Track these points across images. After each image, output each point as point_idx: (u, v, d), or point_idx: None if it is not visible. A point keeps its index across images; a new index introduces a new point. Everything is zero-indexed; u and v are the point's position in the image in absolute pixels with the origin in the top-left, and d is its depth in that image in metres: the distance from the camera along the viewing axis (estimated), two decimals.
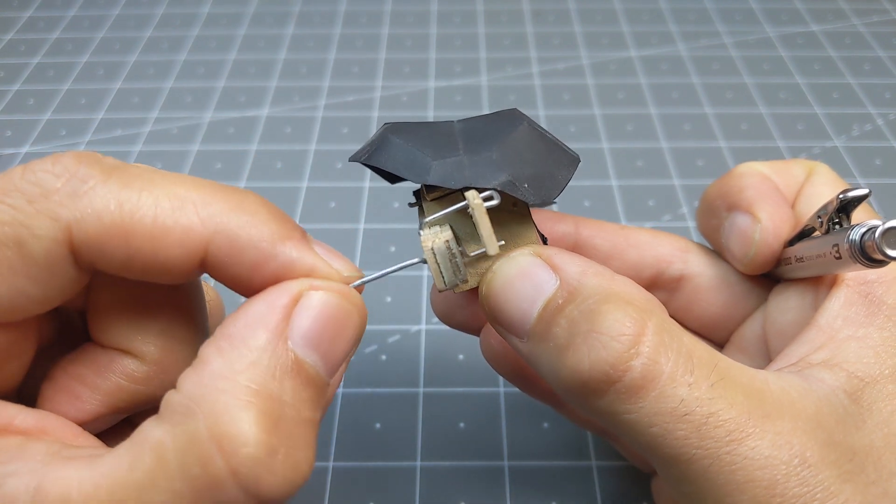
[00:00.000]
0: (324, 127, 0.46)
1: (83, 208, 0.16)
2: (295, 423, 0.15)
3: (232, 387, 0.15)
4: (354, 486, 0.29)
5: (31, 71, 0.51)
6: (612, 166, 0.43)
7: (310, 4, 0.58)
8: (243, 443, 0.14)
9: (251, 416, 0.15)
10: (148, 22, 0.56)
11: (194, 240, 0.16)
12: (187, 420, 0.15)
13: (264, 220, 0.17)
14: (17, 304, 0.16)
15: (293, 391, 0.16)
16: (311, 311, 0.17)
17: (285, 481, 0.15)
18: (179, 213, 0.16)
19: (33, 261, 0.16)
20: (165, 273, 0.17)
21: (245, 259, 0.17)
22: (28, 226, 0.16)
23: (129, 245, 0.16)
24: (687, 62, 0.51)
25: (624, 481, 0.29)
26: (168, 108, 0.48)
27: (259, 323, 0.16)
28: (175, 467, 0.15)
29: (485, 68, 0.51)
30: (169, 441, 0.15)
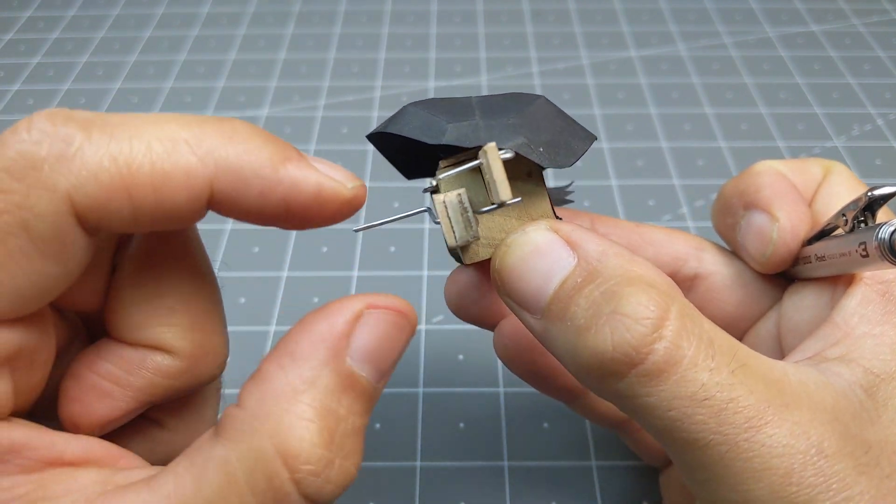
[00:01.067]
0: (324, 127, 0.46)
1: (77, 172, 0.15)
2: (348, 433, 0.16)
3: (295, 406, 0.16)
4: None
5: (31, 71, 0.51)
6: (612, 166, 0.43)
7: (310, 4, 0.58)
8: (306, 460, 0.15)
9: (313, 435, 0.16)
10: (148, 22, 0.56)
11: (197, 181, 0.16)
12: (253, 437, 0.16)
13: (260, 146, 0.17)
14: (42, 288, 0.16)
15: (348, 405, 0.17)
16: (370, 330, 0.17)
17: (337, 487, 0.16)
18: (176, 156, 0.16)
19: (43, 241, 0.15)
20: (174, 220, 0.17)
21: (251, 189, 0.17)
22: (27, 207, 0.15)
23: (132, 200, 0.16)
24: (687, 62, 0.51)
25: (624, 481, 0.29)
26: (168, 108, 0.48)
27: (320, 342, 0.17)
28: (243, 483, 0.15)
29: (485, 68, 0.51)
30: (234, 458, 0.15)
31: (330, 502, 0.16)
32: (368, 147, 0.45)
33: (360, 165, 0.43)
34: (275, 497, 0.15)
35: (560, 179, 0.42)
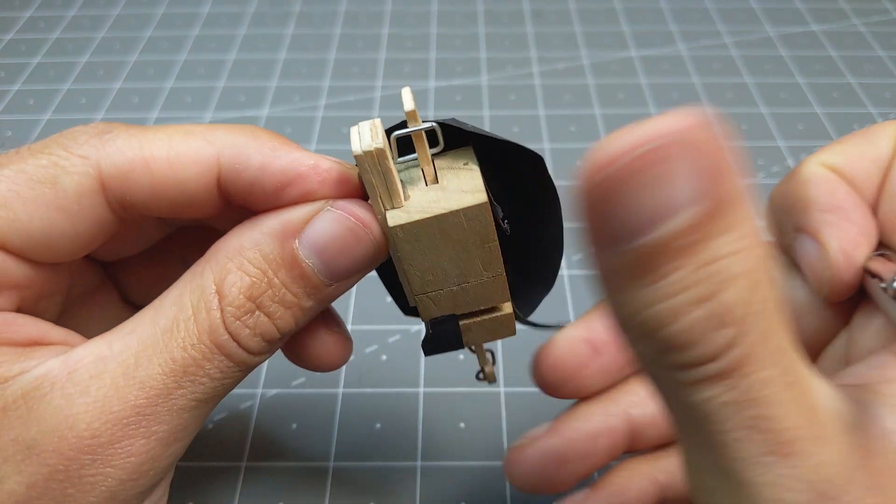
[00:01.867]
0: (324, 127, 0.46)
1: (108, 147, 0.19)
2: (278, 301, 0.19)
3: (237, 259, 0.19)
4: (354, 486, 0.29)
5: (31, 71, 0.51)
6: None
7: (310, 4, 0.58)
8: (230, 302, 0.19)
9: (242, 284, 0.19)
10: (148, 22, 0.56)
11: (206, 157, 0.19)
12: (202, 277, 0.19)
13: (262, 134, 0.20)
14: (51, 240, 0.19)
15: (284, 279, 0.19)
16: (323, 224, 0.19)
17: (258, 335, 0.19)
18: (190, 139, 0.20)
19: (65, 194, 0.19)
20: (188, 199, 0.20)
21: (252, 164, 0.19)
22: (62, 166, 0.19)
23: (151, 172, 0.19)
24: (687, 62, 0.51)
25: None
26: (168, 108, 0.48)
27: (279, 220, 0.19)
28: (192, 313, 0.19)
29: (485, 68, 0.51)
30: (187, 292, 0.19)
31: (257, 351, 0.20)
32: None
33: None
34: (210, 325, 0.19)
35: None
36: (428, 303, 0.21)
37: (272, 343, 0.20)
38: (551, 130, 0.46)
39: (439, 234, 0.19)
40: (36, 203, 0.19)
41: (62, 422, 0.18)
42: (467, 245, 0.20)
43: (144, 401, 0.18)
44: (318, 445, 0.30)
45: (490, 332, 0.22)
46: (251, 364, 0.20)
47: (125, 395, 0.18)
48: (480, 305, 0.21)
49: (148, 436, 0.18)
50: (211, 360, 0.19)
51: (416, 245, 0.19)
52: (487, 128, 0.46)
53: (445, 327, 0.21)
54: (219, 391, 0.20)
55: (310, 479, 0.29)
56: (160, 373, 0.18)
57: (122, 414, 0.18)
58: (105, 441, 0.18)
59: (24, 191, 0.19)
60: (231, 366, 0.19)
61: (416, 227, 0.19)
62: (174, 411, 0.19)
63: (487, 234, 0.19)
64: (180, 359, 0.19)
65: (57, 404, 0.18)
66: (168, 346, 0.19)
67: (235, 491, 0.29)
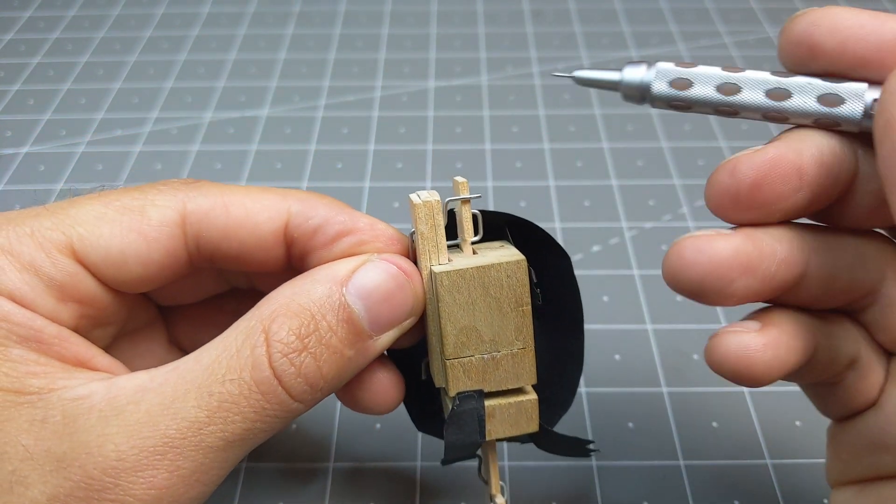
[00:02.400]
0: (324, 127, 0.46)
1: (194, 190, 0.22)
2: (324, 344, 0.20)
3: (287, 302, 0.20)
4: (354, 486, 0.29)
5: (31, 71, 0.51)
6: (612, 166, 0.43)
7: (310, 4, 0.58)
8: (280, 338, 0.19)
9: (291, 322, 0.20)
10: (148, 22, 0.56)
11: (278, 206, 0.22)
12: (250, 321, 0.20)
13: (329, 197, 0.22)
14: (126, 261, 0.21)
15: (331, 323, 0.20)
16: (372, 271, 0.21)
17: (301, 377, 0.20)
18: (266, 193, 0.22)
19: (149, 221, 0.21)
20: (257, 241, 0.22)
21: (318, 214, 0.21)
22: (151, 199, 0.21)
23: (228, 213, 0.21)
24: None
25: (624, 481, 0.29)
26: (168, 108, 0.48)
27: (329, 270, 0.21)
28: (234, 350, 0.19)
29: (485, 68, 0.51)
30: (232, 336, 0.20)
31: (297, 396, 0.20)
32: (369, 147, 0.45)
33: (361, 165, 0.43)
34: (253, 362, 0.19)
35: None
36: (458, 370, 0.21)
37: (313, 389, 0.20)
38: (551, 130, 0.46)
39: (480, 287, 0.21)
40: (121, 226, 0.21)
41: (93, 440, 0.18)
42: (502, 305, 0.21)
43: (175, 432, 0.18)
44: (318, 445, 0.30)
45: (513, 422, 0.22)
46: (288, 410, 0.20)
47: (157, 423, 0.18)
48: (508, 384, 0.22)
49: (172, 469, 0.18)
50: (248, 397, 0.19)
51: (456, 297, 0.21)
52: (487, 128, 0.46)
53: (470, 407, 0.22)
54: (249, 435, 0.19)
55: (310, 479, 0.29)
56: (194, 405, 0.19)
57: (150, 442, 0.18)
58: (129, 467, 0.18)
59: (112, 214, 0.21)
60: (267, 408, 0.19)
61: (459, 276, 0.21)
62: (201, 448, 0.19)
63: (523, 296, 0.21)
64: (216, 393, 0.19)
65: (92, 424, 0.18)
66: (207, 381, 0.19)
67: (236, 491, 0.29)
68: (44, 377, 0.19)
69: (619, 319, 0.35)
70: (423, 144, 0.45)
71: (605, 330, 0.34)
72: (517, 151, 0.44)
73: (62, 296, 0.20)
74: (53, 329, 0.20)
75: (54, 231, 0.20)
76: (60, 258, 0.20)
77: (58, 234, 0.20)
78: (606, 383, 0.32)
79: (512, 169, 0.43)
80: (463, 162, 0.43)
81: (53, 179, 0.42)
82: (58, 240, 0.20)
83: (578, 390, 0.32)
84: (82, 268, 0.21)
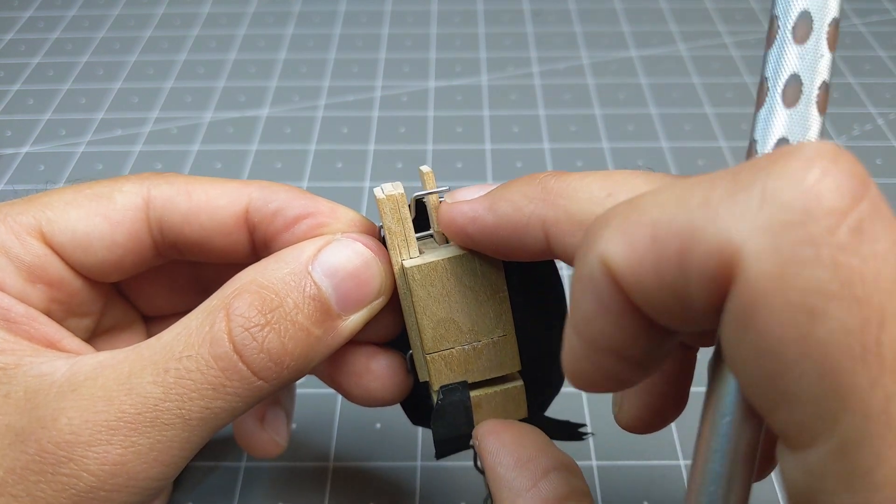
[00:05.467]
0: (324, 127, 0.46)
1: (160, 178, 0.22)
2: (288, 320, 0.19)
3: (250, 281, 0.20)
4: (354, 486, 0.29)
5: (31, 71, 0.51)
6: (612, 166, 0.43)
7: (310, 4, 0.58)
8: (241, 312, 0.19)
9: (253, 297, 0.19)
10: (148, 22, 0.56)
11: (239, 192, 0.22)
12: (211, 300, 0.20)
13: (291, 186, 0.22)
14: (91, 241, 0.21)
15: (296, 299, 0.20)
16: (338, 249, 0.20)
17: (263, 351, 0.19)
18: (228, 182, 0.22)
19: (113, 206, 0.21)
20: (218, 225, 0.22)
21: (278, 198, 0.21)
22: (118, 186, 0.22)
23: (190, 199, 0.22)
24: (687, 62, 0.51)
25: (624, 481, 0.29)
26: (168, 108, 0.48)
27: (294, 250, 0.21)
28: (194, 327, 0.19)
29: (485, 68, 0.51)
30: (194, 314, 0.19)
31: (259, 371, 0.19)
32: (368, 147, 0.45)
33: (361, 165, 0.43)
34: (211, 337, 0.19)
35: None
36: (440, 364, 0.21)
37: (278, 366, 0.19)
38: (551, 130, 0.46)
39: (453, 278, 0.20)
40: (87, 210, 0.21)
41: (48, 414, 0.18)
42: (478, 294, 0.21)
43: (129, 407, 0.18)
44: (319, 445, 0.30)
45: (501, 410, 0.22)
46: (250, 387, 0.19)
47: (112, 398, 0.18)
48: (492, 372, 0.22)
49: (126, 445, 0.18)
50: (205, 373, 0.19)
51: (430, 290, 0.20)
52: (487, 128, 0.46)
53: (456, 399, 0.21)
54: (209, 414, 0.19)
55: (310, 479, 0.29)
56: (150, 381, 0.18)
57: (104, 416, 0.18)
58: (83, 441, 0.18)
59: (81, 200, 0.21)
60: (227, 384, 0.19)
61: (431, 269, 0.20)
62: (157, 425, 0.18)
63: (498, 282, 0.21)
64: (172, 369, 0.18)
65: (49, 399, 0.18)
66: (163, 357, 0.19)
67: (236, 491, 0.29)
68: (10, 354, 0.19)
69: None
70: (423, 144, 0.45)
71: None
72: (517, 151, 0.44)
73: (31, 277, 0.21)
74: (22, 308, 0.20)
75: (24, 215, 0.21)
76: (29, 240, 0.21)
77: (27, 218, 0.21)
78: None
79: (512, 169, 0.43)
80: (463, 162, 0.43)
81: (53, 179, 0.42)
82: (27, 223, 0.21)
83: (578, 390, 0.32)
84: (50, 250, 0.21)
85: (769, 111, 0.15)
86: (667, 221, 0.13)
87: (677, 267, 0.12)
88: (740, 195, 0.12)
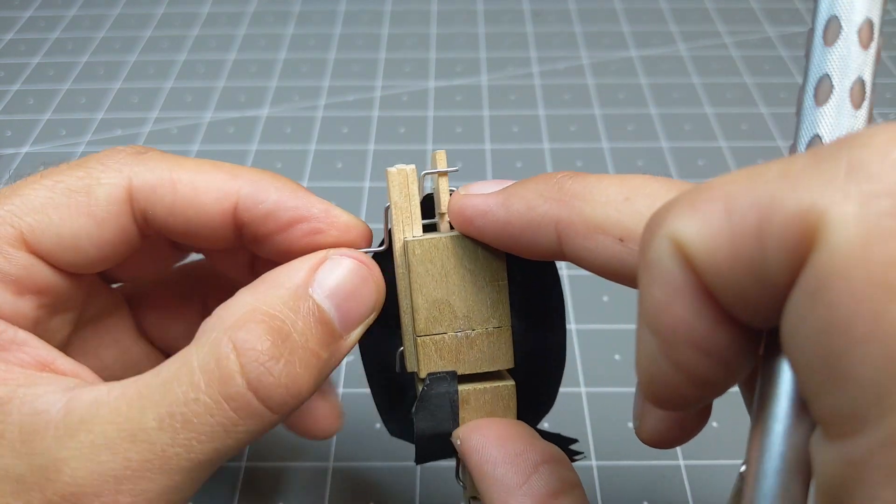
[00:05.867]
0: (324, 127, 0.46)
1: (140, 165, 0.21)
2: (300, 347, 0.19)
3: (253, 312, 0.18)
4: (354, 486, 0.29)
5: (31, 71, 0.51)
6: (612, 166, 0.43)
7: (310, 4, 0.58)
8: (252, 346, 0.18)
9: (262, 328, 0.18)
10: (148, 22, 0.56)
11: (228, 186, 0.21)
12: (212, 333, 0.18)
13: (282, 178, 0.21)
14: (79, 244, 0.20)
15: (305, 324, 0.19)
16: (335, 269, 0.20)
17: (281, 386, 0.18)
18: (216, 171, 0.21)
19: (97, 201, 0.20)
20: (205, 222, 0.21)
21: (269, 198, 0.21)
22: (96, 177, 0.20)
23: (175, 191, 0.20)
24: (687, 62, 0.51)
25: (624, 481, 0.29)
26: (168, 108, 0.48)
27: (290, 271, 0.20)
28: (195, 364, 0.18)
29: (485, 68, 0.51)
30: (194, 349, 0.18)
31: (276, 407, 0.18)
32: (368, 146, 0.45)
33: (361, 165, 0.43)
34: (220, 376, 0.18)
35: None
36: (430, 349, 0.20)
37: (295, 398, 0.19)
38: (551, 130, 0.46)
39: (454, 258, 0.20)
40: (69, 209, 0.20)
41: (49, 464, 0.17)
42: (477, 278, 0.20)
43: (135, 454, 0.17)
44: (318, 445, 0.30)
45: (489, 410, 0.21)
46: (263, 423, 0.18)
47: (116, 447, 0.17)
48: (484, 366, 0.21)
49: (135, 494, 0.17)
50: (215, 415, 0.18)
51: (429, 267, 0.20)
52: (487, 128, 0.46)
53: (442, 390, 0.20)
54: (218, 455, 0.18)
55: (310, 479, 0.29)
56: (155, 427, 0.17)
57: (109, 466, 0.17)
58: (90, 493, 0.17)
59: (59, 198, 0.20)
60: (239, 424, 0.18)
61: (432, 245, 0.20)
62: (166, 471, 0.17)
63: (499, 270, 0.20)
64: (178, 414, 0.17)
65: (47, 445, 0.17)
66: (166, 397, 0.18)
67: (235, 491, 0.29)
68: (3, 385, 0.18)
69: (618, 319, 0.35)
70: (423, 144, 0.45)
71: (605, 330, 0.34)
72: (517, 151, 0.44)
73: (19, 290, 0.20)
74: (12, 333, 0.19)
75: (2, 226, 0.20)
76: (13, 252, 0.20)
77: (6, 229, 0.20)
78: (606, 383, 0.32)
79: (512, 169, 0.43)
80: (463, 162, 0.43)
81: None
82: (7, 234, 0.20)
83: (578, 390, 0.32)
84: (36, 258, 0.20)
85: (836, 109, 0.15)
86: (744, 193, 0.12)
87: (755, 240, 0.11)
88: (824, 164, 0.11)
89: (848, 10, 0.15)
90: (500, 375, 0.21)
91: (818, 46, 0.16)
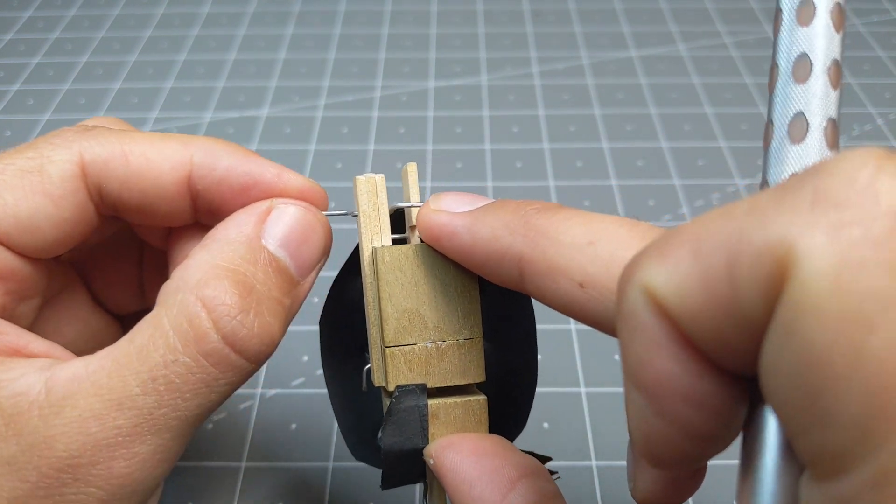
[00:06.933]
0: (324, 127, 0.46)
1: (90, 139, 0.21)
2: (265, 297, 0.19)
3: (213, 266, 0.19)
4: (354, 486, 0.29)
5: (31, 71, 0.51)
6: (612, 166, 0.43)
7: (310, 4, 0.58)
8: (222, 301, 0.18)
9: (226, 283, 0.18)
10: (148, 22, 0.56)
11: (180, 156, 0.21)
12: (177, 294, 0.19)
13: (234, 144, 0.22)
14: (38, 225, 0.20)
15: (265, 275, 0.19)
16: (282, 218, 0.20)
17: (255, 336, 0.19)
18: (167, 141, 0.21)
19: (50, 180, 0.20)
20: (159, 193, 0.21)
21: (222, 164, 0.21)
22: (47, 156, 0.20)
23: (128, 163, 0.20)
24: (687, 62, 0.51)
25: (624, 481, 0.29)
26: (168, 108, 0.48)
27: (239, 226, 0.20)
28: (168, 327, 0.18)
29: (485, 68, 0.51)
30: (163, 313, 0.18)
31: (253, 357, 0.19)
32: (368, 147, 0.45)
33: (361, 165, 0.43)
34: (195, 335, 0.18)
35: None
36: (399, 360, 0.20)
37: (269, 346, 0.19)
38: (551, 130, 0.46)
39: (424, 267, 0.20)
40: (24, 190, 0.20)
41: (40, 442, 0.17)
42: (448, 288, 0.20)
43: (123, 421, 0.18)
44: (318, 445, 0.30)
45: (460, 426, 0.20)
46: (243, 373, 0.19)
47: (103, 417, 0.18)
48: (455, 379, 0.20)
49: (129, 458, 0.18)
50: (196, 373, 0.18)
51: (398, 276, 0.19)
52: (487, 128, 0.46)
53: (412, 404, 0.19)
54: (204, 409, 0.19)
55: (310, 479, 0.29)
56: (139, 393, 0.18)
57: (100, 436, 0.18)
58: (86, 462, 0.18)
59: (11, 180, 0.20)
60: (220, 378, 0.18)
61: (402, 254, 0.20)
62: (156, 431, 0.18)
63: (471, 283, 0.20)
64: (160, 377, 0.18)
65: (34, 424, 0.18)
66: (145, 363, 0.18)
67: (235, 491, 0.29)
68: None
69: None
70: (423, 144, 0.45)
71: None
72: (517, 151, 0.44)
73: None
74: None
75: None
76: None
77: None
78: (606, 383, 0.32)
79: (512, 169, 0.43)
80: (463, 162, 0.43)
81: None
82: None
83: (578, 390, 0.32)
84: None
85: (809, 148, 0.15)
86: (711, 234, 0.12)
87: (727, 281, 0.11)
88: (790, 196, 0.11)
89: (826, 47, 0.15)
90: (471, 389, 0.21)
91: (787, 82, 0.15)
